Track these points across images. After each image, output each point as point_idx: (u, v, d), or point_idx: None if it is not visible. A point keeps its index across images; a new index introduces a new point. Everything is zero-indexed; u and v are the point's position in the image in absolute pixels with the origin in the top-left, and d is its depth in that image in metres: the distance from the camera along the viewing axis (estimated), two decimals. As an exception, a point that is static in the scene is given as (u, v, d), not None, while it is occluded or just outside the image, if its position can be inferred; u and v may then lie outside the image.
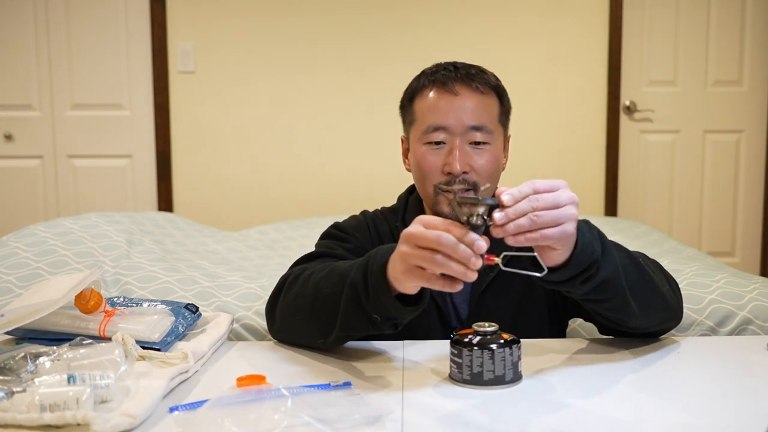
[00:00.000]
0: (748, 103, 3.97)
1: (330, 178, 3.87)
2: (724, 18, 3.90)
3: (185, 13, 3.77)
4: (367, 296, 1.02)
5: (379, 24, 3.81)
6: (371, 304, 1.02)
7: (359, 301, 1.03)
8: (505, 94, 1.34)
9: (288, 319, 1.19)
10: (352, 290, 1.04)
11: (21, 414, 0.87)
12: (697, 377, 1.08)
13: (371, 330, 1.06)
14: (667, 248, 2.42)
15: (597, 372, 1.10)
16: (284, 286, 1.21)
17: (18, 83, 3.80)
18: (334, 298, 1.07)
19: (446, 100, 1.27)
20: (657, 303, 1.16)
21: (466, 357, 1.01)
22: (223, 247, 2.40)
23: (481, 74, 1.30)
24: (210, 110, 3.83)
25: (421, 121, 1.30)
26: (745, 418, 0.92)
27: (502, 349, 1.00)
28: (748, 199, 4.04)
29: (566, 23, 3.83)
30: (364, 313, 1.04)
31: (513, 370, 1.02)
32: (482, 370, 1.00)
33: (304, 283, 1.15)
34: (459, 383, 1.02)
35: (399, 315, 1.02)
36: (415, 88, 1.33)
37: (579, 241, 0.99)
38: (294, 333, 1.21)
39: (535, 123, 3.80)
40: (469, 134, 1.27)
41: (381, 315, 1.02)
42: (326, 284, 1.10)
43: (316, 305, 1.11)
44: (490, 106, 1.29)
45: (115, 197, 3.88)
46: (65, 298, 1.12)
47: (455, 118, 1.26)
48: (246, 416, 0.87)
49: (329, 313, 1.08)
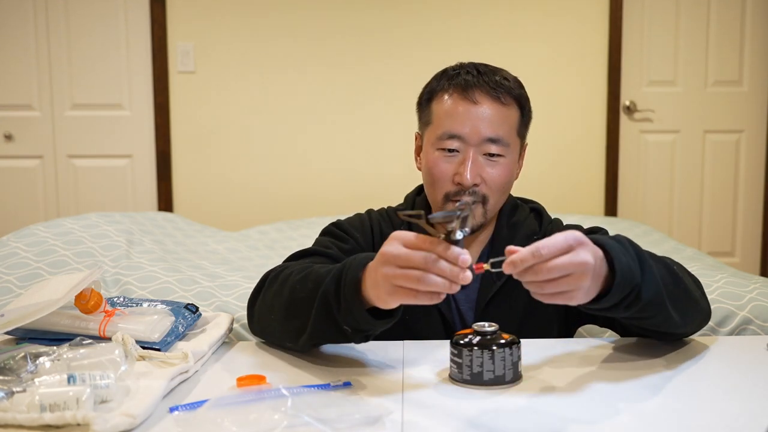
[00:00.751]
0: (748, 103, 3.97)
1: (330, 178, 3.87)
2: (724, 18, 3.90)
3: (185, 13, 3.77)
4: (339, 308, 1.00)
5: (380, 24, 3.81)
6: (342, 315, 1.00)
7: (330, 312, 1.01)
8: (527, 104, 1.30)
9: (265, 317, 1.17)
10: (324, 300, 1.02)
11: (21, 414, 0.87)
12: (697, 377, 1.08)
13: (341, 341, 1.06)
14: (667, 248, 2.42)
15: (597, 372, 1.10)
16: (264, 284, 1.19)
17: (18, 83, 3.80)
18: (307, 303, 1.05)
19: (465, 107, 1.24)
20: (693, 310, 1.15)
21: (466, 357, 1.01)
22: (223, 247, 2.40)
23: (504, 82, 1.26)
24: (210, 110, 3.83)
25: (436, 125, 1.27)
26: (745, 418, 0.92)
27: (502, 350, 1.00)
28: (748, 199, 4.04)
29: (566, 23, 3.83)
30: (334, 324, 1.02)
31: (513, 370, 1.02)
32: (482, 370, 1.00)
33: (282, 283, 1.14)
34: (459, 383, 1.02)
35: (370, 328, 1.01)
36: (435, 88, 1.29)
37: (617, 269, 0.96)
38: (269, 332, 1.20)
39: (535, 123, 3.77)
40: (484, 146, 1.24)
41: (352, 327, 1.01)
42: (302, 288, 1.08)
43: (290, 308, 1.10)
44: (510, 117, 1.26)
45: (115, 197, 3.88)
46: (65, 298, 1.12)
47: (472, 128, 1.23)
48: (246, 416, 0.87)
49: (302, 317, 1.07)
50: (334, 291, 1.01)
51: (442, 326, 1.30)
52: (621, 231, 2.63)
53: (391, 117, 3.82)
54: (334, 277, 1.02)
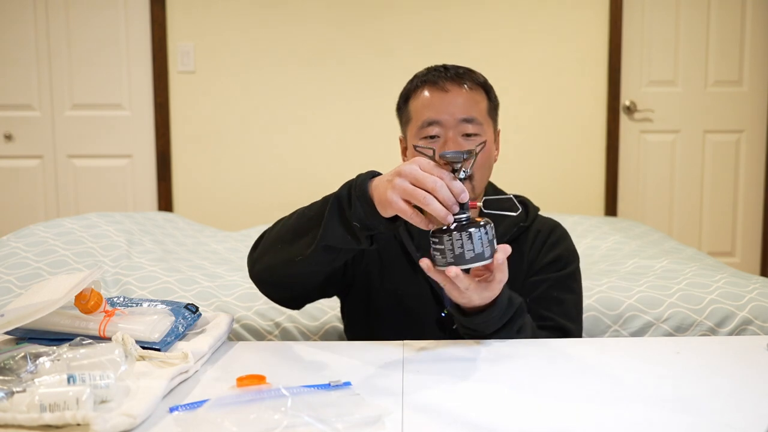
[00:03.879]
0: (748, 103, 3.97)
1: (331, 178, 3.86)
2: (724, 18, 3.90)
3: (185, 13, 3.77)
4: (350, 205, 1.13)
5: (380, 26, 3.81)
6: (353, 211, 1.12)
7: (342, 210, 1.14)
8: (491, 91, 1.43)
9: (270, 250, 1.27)
10: (338, 201, 1.15)
11: (21, 414, 0.87)
12: (697, 377, 1.08)
13: (350, 241, 1.15)
14: (667, 248, 2.41)
15: (597, 372, 1.10)
16: (266, 232, 1.31)
17: (18, 83, 3.80)
18: (318, 215, 1.18)
19: (438, 97, 1.36)
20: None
21: (447, 242, 1.08)
22: (223, 247, 2.40)
23: (468, 73, 1.40)
24: (210, 110, 3.83)
25: (416, 118, 1.38)
26: (745, 418, 0.92)
27: (478, 229, 1.07)
28: (748, 199, 4.04)
29: (566, 23, 3.83)
30: (345, 221, 1.14)
31: (490, 248, 1.09)
32: (463, 250, 1.07)
33: (287, 219, 1.27)
34: (443, 267, 1.08)
35: (376, 224, 1.12)
36: (409, 89, 1.42)
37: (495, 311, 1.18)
38: (274, 261, 1.27)
39: (535, 123, 3.81)
40: (460, 126, 1.35)
41: (360, 222, 1.12)
42: (310, 210, 1.22)
43: (299, 227, 1.22)
44: (478, 100, 1.38)
45: (115, 197, 3.88)
46: (65, 298, 1.12)
47: (447, 113, 1.35)
48: (246, 416, 0.87)
49: (312, 227, 1.18)
50: (346, 194, 1.14)
51: (433, 300, 1.39)
52: (621, 231, 2.63)
53: (395, 118, 3.82)
54: (344, 187, 1.16)
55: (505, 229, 1.40)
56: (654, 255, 2.23)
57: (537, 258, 1.42)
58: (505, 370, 1.11)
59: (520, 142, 3.83)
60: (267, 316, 1.70)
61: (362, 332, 1.43)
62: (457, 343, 1.22)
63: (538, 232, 1.44)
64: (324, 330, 1.70)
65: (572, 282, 1.42)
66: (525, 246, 1.42)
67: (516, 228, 1.42)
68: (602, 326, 1.71)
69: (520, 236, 1.43)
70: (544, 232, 1.44)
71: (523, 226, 1.43)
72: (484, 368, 1.11)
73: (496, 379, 1.07)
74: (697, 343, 1.25)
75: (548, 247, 1.42)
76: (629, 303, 1.73)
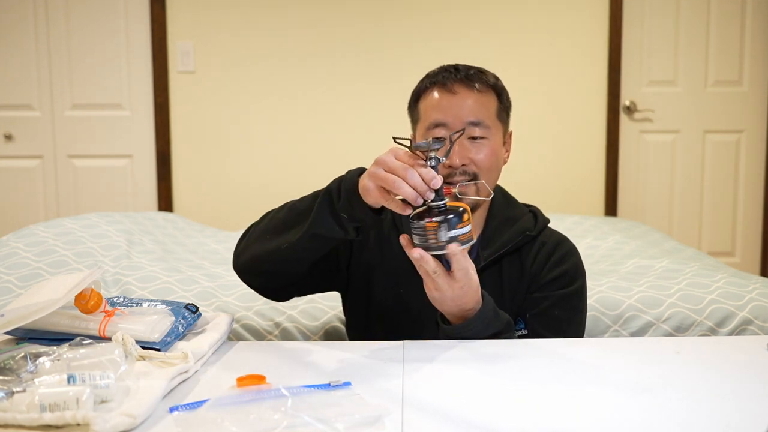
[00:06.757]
0: (748, 103, 3.97)
1: (330, 178, 3.86)
2: (724, 18, 3.90)
3: (185, 13, 3.77)
4: (339, 196, 1.18)
5: (380, 26, 3.81)
6: (342, 203, 1.17)
7: (332, 202, 1.19)
8: (503, 92, 1.41)
9: (258, 241, 1.30)
10: (328, 194, 1.20)
11: (21, 414, 0.87)
12: (697, 377, 1.08)
13: (337, 231, 1.19)
14: (667, 248, 2.41)
15: (597, 372, 1.10)
16: (253, 225, 1.35)
17: (18, 83, 3.80)
18: (308, 209, 1.22)
19: (446, 99, 1.36)
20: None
21: (416, 228, 1.13)
22: (223, 247, 2.40)
23: (479, 74, 1.39)
24: (210, 110, 3.83)
25: (424, 119, 1.39)
26: (745, 418, 0.92)
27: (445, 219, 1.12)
28: (748, 199, 4.04)
29: (566, 23, 3.83)
30: (334, 211, 1.18)
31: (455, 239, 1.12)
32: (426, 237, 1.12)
33: (276, 212, 1.31)
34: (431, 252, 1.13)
35: (362, 215, 1.16)
36: (420, 89, 1.42)
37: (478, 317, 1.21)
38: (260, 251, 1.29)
39: (535, 123, 3.80)
40: (468, 130, 1.34)
41: (348, 213, 1.17)
42: (302, 203, 1.26)
43: (289, 220, 1.26)
44: (487, 103, 1.37)
45: (115, 197, 3.88)
46: (65, 298, 1.12)
47: (454, 115, 1.35)
48: (246, 416, 0.87)
49: (302, 221, 1.22)
50: (336, 187, 1.19)
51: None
52: (621, 231, 2.64)
53: (396, 118, 3.81)
54: (335, 181, 1.20)
55: (511, 236, 1.39)
56: (654, 255, 2.24)
57: (540, 273, 1.38)
58: (505, 370, 1.11)
59: (520, 142, 3.82)
60: (267, 316, 1.70)
61: (362, 329, 1.43)
62: (457, 343, 1.21)
63: (543, 245, 1.40)
64: (324, 330, 1.70)
65: (577, 300, 1.39)
66: (528, 257, 1.40)
67: (522, 236, 1.39)
68: (602, 326, 1.71)
69: (524, 246, 1.40)
70: (549, 245, 1.40)
71: (529, 235, 1.39)
72: (484, 368, 1.11)
73: (496, 379, 1.07)
74: (697, 343, 1.25)
75: (553, 264, 1.38)
76: (629, 303, 1.73)
